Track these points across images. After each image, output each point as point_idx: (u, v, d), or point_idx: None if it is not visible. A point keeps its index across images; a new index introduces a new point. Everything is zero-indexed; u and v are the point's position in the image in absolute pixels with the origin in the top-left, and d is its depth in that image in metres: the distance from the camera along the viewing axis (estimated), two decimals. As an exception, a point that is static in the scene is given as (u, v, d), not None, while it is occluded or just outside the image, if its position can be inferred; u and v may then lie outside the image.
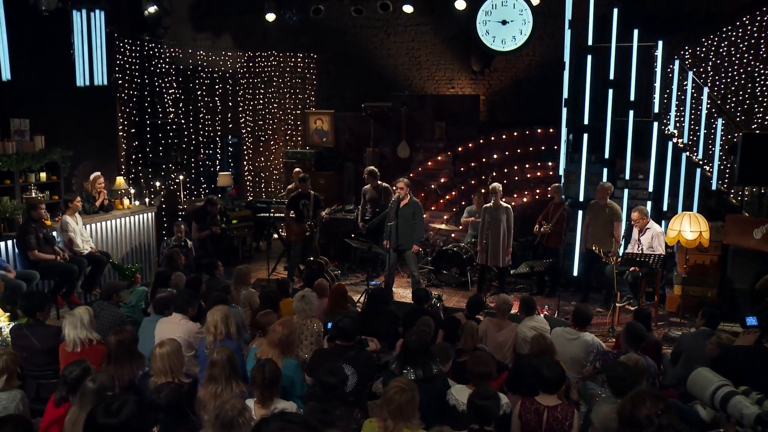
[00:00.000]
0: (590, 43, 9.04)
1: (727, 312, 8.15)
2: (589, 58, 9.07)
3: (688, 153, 8.93)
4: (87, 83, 8.48)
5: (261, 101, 13.29)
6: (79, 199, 7.96)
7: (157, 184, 10.87)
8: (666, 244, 7.88)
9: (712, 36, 9.88)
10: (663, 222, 9.02)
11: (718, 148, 8.73)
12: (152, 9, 10.90)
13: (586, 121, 9.24)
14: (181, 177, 11.47)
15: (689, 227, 7.20)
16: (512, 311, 6.55)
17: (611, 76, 9.02)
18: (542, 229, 8.89)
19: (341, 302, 6.54)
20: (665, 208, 9.01)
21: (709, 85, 9.03)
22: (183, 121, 11.40)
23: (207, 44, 12.30)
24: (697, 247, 7.96)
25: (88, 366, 3.94)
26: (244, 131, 13.22)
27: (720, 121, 8.66)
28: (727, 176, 9.34)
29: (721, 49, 9.75)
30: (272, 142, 13.59)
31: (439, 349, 4.84)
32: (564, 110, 9.43)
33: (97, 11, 8.40)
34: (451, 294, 9.46)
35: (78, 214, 7.99)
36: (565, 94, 9.40)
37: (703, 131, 8.72)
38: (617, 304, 7.86)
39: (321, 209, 9.49)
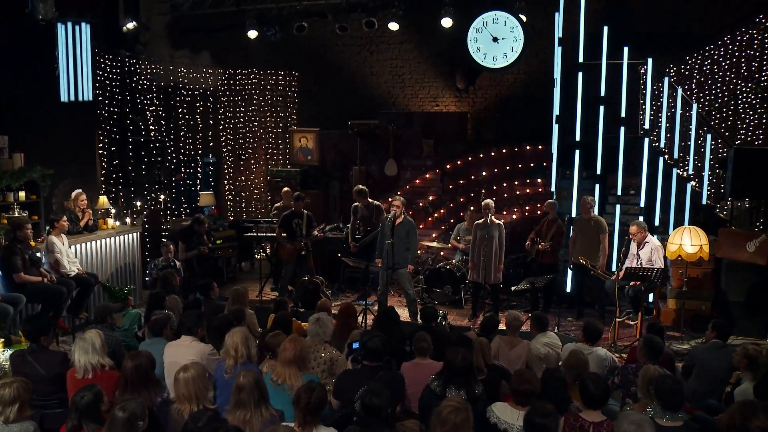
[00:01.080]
0: (581, 60, 9.15)
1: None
2: (580, 75, 9.17)
3: (679, 171, 9.05)
4: (72, 98, 8.17)
5: (242, 119, 13.08)
6: (65, 218, 7.62)
7: (138, 203, 10.52)
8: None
9: (695, 55, 10.11)
10: (656, 237, 9.13)
11: (707, 163, 8.88)
12: (131, 25, 10.66)
13: (577, 137, 9.31)
14: (162, 196, 11.15)
15: (690, 241, 7.25)
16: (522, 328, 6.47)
17: (602, 93, 9.13)
18: (540, 246, 8.85)
19: (350, 322, 6.35)
20: (656, 223, 9.11)
21: (694, 102, 9.18)
22: (166, 139, 11.11)
23: (185, 61, 12.08)
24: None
25: (100, 390, 3.69)
26: (224, 150, 12.96)
27: (709, 137, 8.82)
28: (713, 191, 9.48)
29: (704, 67, 9.98)
30: (253, 161, 13.36)
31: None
32: (555, 126, 9.48)
33: (83, 24, 8.12)
34: (445, 312, 9.30)
35: (64, 235, 7.64)
36: (557, 111, 9.46)
37: (693, 147, 8.85)
38: (617, 319, 7.85)
39: (314, 228, 9.30)
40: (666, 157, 9.10)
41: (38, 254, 7.33)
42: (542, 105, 11.34)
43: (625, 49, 8.96)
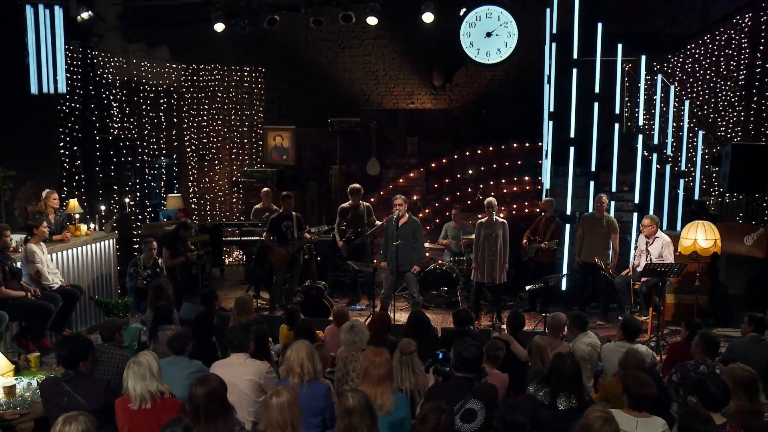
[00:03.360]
0: (575, 56, 9.10)
1: (721, 318, 8.44)
2: (575, 71, 9.11)
3: (678, 171, 9.16)
4: (45, 90, 7.33)
5: (205, 118, 12.35)
6: (45, 224, 6.80)
7: (102, 207, 9.66)
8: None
9: (677, 54, 10.30)
10: (639, 236, 9.19)
11: (699, 159, 9.02)
12: (85, 15, 9.80)
13: (572, 135, 9.25)
14: (127, 199, 10.31)
15: (704, 236, 7.28)
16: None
17: (597, 90, 9.11)
18: (542, 245, 8.71)
19: (383, 331, 5.93)
20: (651, 219, 9.17)
21: (687, 99, 9.33)
22: (137, 138, 10.28)
23: (141, 55, 11.25)
24: (689, 255, 8.11)
25: (188, 425, 3.17)
26: (188, 150, 12.20)
27: (701, 134, 8.96)
28: (705, 185, 9.66)
29: (686, 65, 10.18)
30: (216, 162, 12.65)
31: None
32: (550, 123, 9.39)
33: (56, 7, 7.30)
34: (442, 314, 9.03)
35: (43, 243, 6.83)
36: (551, 107, 9.37)
37: (686, 143, 8.97)
38: (641, 317, 7.80)
39: (304, 230, 8.80)
40: (660, 153, 9.18)
41: (17, 265, 6.49)
42: (523, 102, 11.32)
43: (619, 46, 8.98)
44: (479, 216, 10.54)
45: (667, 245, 7.78)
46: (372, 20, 10.60)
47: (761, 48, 9.57)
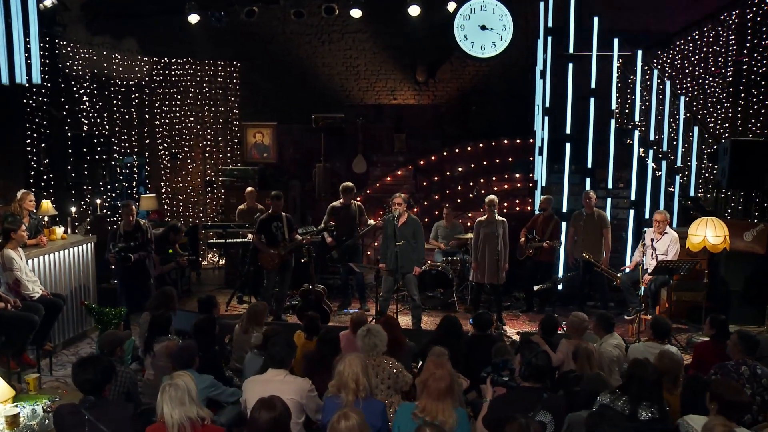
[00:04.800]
0: (571, 51, 8.94)
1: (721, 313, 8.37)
2: (570, 66, 8.96)
3: (674, 167, 9.10)
4: (19, 81, 6.69)
5: (178, 114, 11.72)
6: (24, 228, 6.18)
7: (72, 209, 8.98)
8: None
9: (666, 50, 10.27)
10: (645, 230, 9.12)
11: (695, 155, 8.98)
12: (48, 2, 9.10)
13: (568, 131, 9.09)
14: (99, 201, 9.64)
15: (713, 232, 7.19)
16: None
17: (593, 85, 8.97)
18: (545, 244, 8.51)
19: (398, 334, 5.57)
20: (647, 216, 9.10)
21: (682, 95, 9.27)
22: (109, 134, 9.62)
23: (107, 48, 10.56)
24: (686, 252, 8.05)
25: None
26: (161, 148, 11.56)
27: (696, 129, 8.93)
28: (701, 182, 9.64)
29: (675, 61, 10.16)
30: (189, 161, 12.03)
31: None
32: (545, 119, 9.20)
33: (28, -7, 6.68)
34: (437, 317, 8.67)
35: (20, 248, 6.20)
36: (546, 103, 9.19)
37: (681, 139, 8.92)
38: (641, 315, 7.66)
39: (295, 231, 8.36)
40: (657, 149, 9.11)
41: (-6, 274, 5.87)
42: (510, 98, 11.14)
43: (615, 41, 8.88)
44: (469, 214, 10.40)
45: (675, 242, 7.68)
46: (356, 12, 10.25)
47: (748, 45, 9.62)
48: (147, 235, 7.54)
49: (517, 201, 10.24)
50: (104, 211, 9.42)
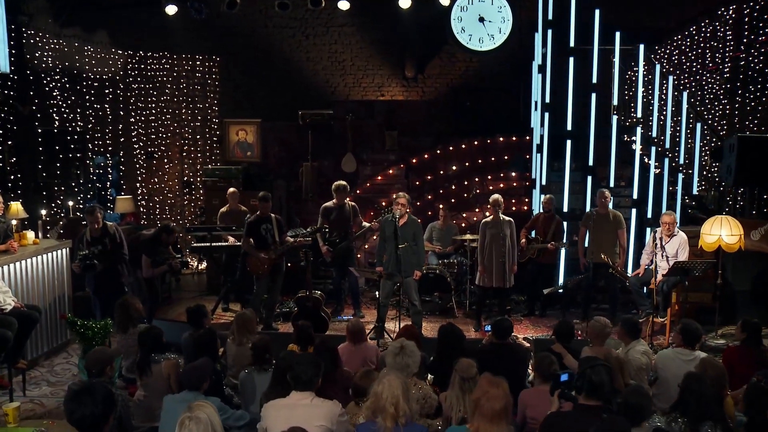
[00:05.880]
0: (572, 44, 8.63)
1: (727, 315, 8.15)
2: (572, 60, 8.64)
3: (676, 165, 8.85)
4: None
5: (153, 111, 11.10)
6: (-7, 233, 5.57)
7: (43, 212, 8.33)
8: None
9: (663, 45, 10.05)
10: (648, 230, 8.85)
11: (697, 152, 8.75)
12: (12, -12, 8.46)
13: (569, 127, 8.77)
14: (71, 202, 8.99)
15: (729, 231, 6.92)
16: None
17: (594, 80, 8.67)
18: (549, 245, 8.15)
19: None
20: (649, 215, 8.83)
21: (685, 91, 9.03)
22: (82, 131, 8.97)
23: (77, 39, 9.90)
24: (699, 251, 7.79)
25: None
26: (136, 146, 10.93)
27: (699, 126, 8.69)
28: (704, 183, 9.41)
29: (673, 57, 9.93)
30: (166, 160, 11.41)
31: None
32: (546, 115, 8.87)
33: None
34: (436, 323, 8.21)
35: (-10, 256, 5.60)
36: (546, 98, 8.85)
37: (684, 136, 8.67)
38: (658, 318, 7.34)
39: (285, 233, 7.86)
40: (659, 146, 8.85)
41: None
42: (503, 93, 10.82)
43: (617, 35, 8.59)
44: (464, 215, 10.01)
45: (684, 244, 7.40)
46: (344, 5, 9.79)
47: (745, 41, 9.44)
48: (117, 240, 6.90)
49: (513, 200, 9.88)
50: (77, 213, 8.74)
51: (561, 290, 8.08)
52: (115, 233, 6.90)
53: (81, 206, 9.18)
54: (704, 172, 9.35)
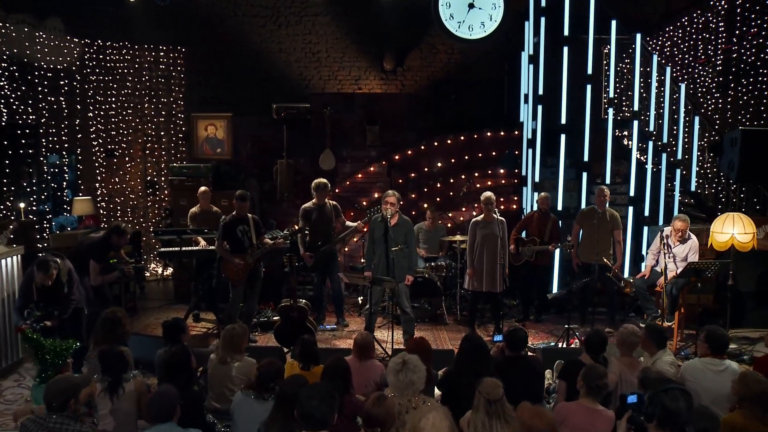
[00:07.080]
0: (566, 34, 8.17)
1: (733, 317, 7.78)
2: (566, 50, 8.18)
3: (674, 160, 8.47)
4: None
5: (113, 106, 10.27)
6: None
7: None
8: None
9: (655, 37, 9.69)
10: (645, 229, 8.46)
11: (695, 147, 8.39)
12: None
13: (563, 121, 8.31)
14: (22, 204, 8.14)
15: (741, 229, 6.53)
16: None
17: (589, 71, 8.23)
18: (549, 247, 7.66)
19: (426, 359, 4.54)
20: (647, 213, 8.44)
21: (683, 84, 8.65)
22: (35, 126, 8.13)
23: (27, 25, 9.04)
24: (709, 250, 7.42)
25: None
26: (95, 144, 10.09)
27: (697, 119, 8.33)
28: (701, 181, 9.07)
29: (665, 48, 9.58)
30: (128, 158, 10.58)
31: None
32: (539, 108, 8.39)
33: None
34: (425, 331, 7.65)
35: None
36: (540, 91, 8.37)
37: (682, 130, 8.30)
38: (665, 322, 6.90)
39: (263, 235, 7.19)
40: (656, 141, 8.46)
41: None
42: (486, 86, 10.35)
43: (613, 24, 8.17)
44: (450, 214, 9.46)
45: (695, 249, 6.99)
46: (320, -9, 9.20)
47: (737, 32, 9.15)
48: (72, 285, 5.83)
49: (502, 199, 9.38)
50: (30, 216, 7.90)
51: (566, 294, 7.56)
52: (71, 277, 5.86)
53: (33, 208, 8.33)
54: (698, 168, 9.00)
